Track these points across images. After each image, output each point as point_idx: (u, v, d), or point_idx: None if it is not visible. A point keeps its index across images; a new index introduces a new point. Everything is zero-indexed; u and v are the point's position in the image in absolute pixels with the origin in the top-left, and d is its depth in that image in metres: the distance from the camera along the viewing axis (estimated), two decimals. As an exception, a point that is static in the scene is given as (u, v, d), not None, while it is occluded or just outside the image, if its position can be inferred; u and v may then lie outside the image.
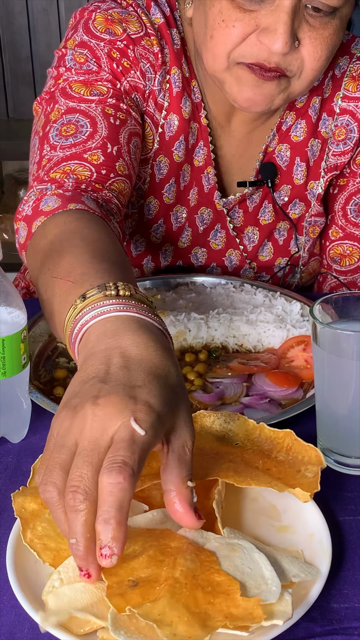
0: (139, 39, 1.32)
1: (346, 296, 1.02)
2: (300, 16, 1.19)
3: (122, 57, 1.31)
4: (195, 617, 0.69)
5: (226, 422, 0.95)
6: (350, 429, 0.98)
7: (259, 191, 1.47)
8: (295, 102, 1.43)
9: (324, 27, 1.21)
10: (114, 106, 1.29)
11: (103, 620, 0.72)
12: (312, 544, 0.85)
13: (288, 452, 0.91)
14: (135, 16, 1.33)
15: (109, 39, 1.31)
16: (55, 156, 1.26)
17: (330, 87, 1.43)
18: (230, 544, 0.79)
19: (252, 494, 0.92)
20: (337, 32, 1.23)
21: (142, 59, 1.32)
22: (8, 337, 1.00)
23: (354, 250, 1.50)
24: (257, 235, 1.49)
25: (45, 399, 1.09)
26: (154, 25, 1.34)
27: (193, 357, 1.23)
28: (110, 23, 1.31)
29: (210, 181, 1.44)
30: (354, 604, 0.82)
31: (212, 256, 1.49)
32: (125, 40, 1.31)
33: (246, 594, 0.73)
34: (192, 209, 1.46)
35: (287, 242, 1.50)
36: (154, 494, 0.86)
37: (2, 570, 0.84)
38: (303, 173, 1.46)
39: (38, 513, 0.85)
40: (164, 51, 1.34)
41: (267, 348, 1.25)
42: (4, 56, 3.73)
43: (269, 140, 1.45)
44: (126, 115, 1.30)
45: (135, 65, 1.32)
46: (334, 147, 1.44)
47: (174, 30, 1.36)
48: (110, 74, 1.31)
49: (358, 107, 1.42)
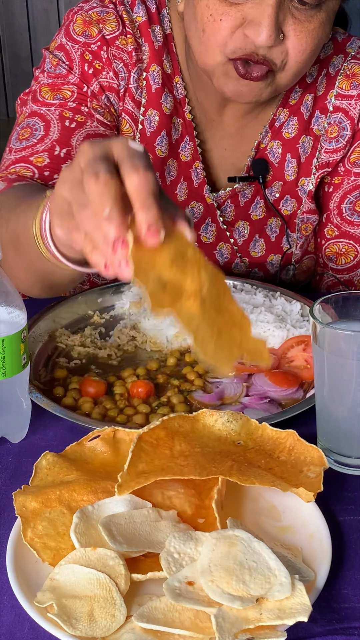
0: (114, 39, 1.37)
1: (346, 296, 1.02)
2: (286, 9, 1.21)
3: (95, 59, 1.37)
4: (222, 343, 0.73)
5: (229, 421, 0.95)
6: (350, 429, 0.98)
7: (251, 187, 1.48)
8: (288, 99, 1.44)
9: (309, 20, 1.22)
10: (74, 109, 1.35)
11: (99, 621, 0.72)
12: (312, 544, 0.85)
13: (290, 452, 0.92)
14: (113, 15, 1.37)
15: (84, 41, 1.37)
16: (8, 159, 1.34)
17: (324, 85, 1.45)
18: (227, 537, 0.79)
19: (252, 494, 0.92)
20: (323, 26, 1.24)
21: (116, 59, 1.37)
22: (8, 337, 1.00)
23: (350, 248, 1.50)
24: (247, 230, 1.50)
25: (45, 399, 1.09)
26: (135, 23, 1.38)
27: (193, 357, 1.23)
28: (87, 25, 1.37)
29: (199, 175, 1.45)
30: (354, 604, 0.82)
31: (203, 250, 1.49)
32: (99, 42, 1.36)
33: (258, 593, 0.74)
34: (182, 203, 1.47)
35: (279, 238, 1.51)
36: (154, 493, 0.87)
37: (2, 570, 0.84)
38: (294, 169, 1.47)
39: (39, 512, 0.85)
40: (141, 49, 1.38)
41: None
42: (4, 56, 3.73)
43: (261, 136, 1.46)
44: (86, 118, 1.35)
45: (108, 66, 1.37)
46: (326, 144, 1.45)
47: (156, 28, 1.39)
48: (80, 77, 1.37)
49: (351, 105, 1.44)
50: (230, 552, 0.77)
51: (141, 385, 1.15)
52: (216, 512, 0.84)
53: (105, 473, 0.92)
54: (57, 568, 0.79)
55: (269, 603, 0.74)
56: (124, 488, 0.84)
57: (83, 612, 0.75)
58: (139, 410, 1.11)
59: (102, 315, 1.36)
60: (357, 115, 1.44)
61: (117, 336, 1.29)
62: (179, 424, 0.93)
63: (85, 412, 1.11)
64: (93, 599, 0.76)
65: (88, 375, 1.18)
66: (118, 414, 1.11)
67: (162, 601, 0.76)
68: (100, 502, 0.85)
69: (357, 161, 1.46)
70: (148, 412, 1.11)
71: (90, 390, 1.14)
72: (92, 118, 1.36)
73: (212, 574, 0.76)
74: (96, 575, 0.77)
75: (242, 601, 0.73)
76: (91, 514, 0.84)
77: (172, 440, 0.91)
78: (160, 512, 0.85)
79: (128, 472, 0.86)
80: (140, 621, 0.74)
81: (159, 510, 0.85)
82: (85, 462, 0.95)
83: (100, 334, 1.31)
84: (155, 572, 0.79)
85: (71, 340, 1.28)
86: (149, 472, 0.85)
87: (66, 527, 0.84)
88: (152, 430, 0.90)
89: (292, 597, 0.74)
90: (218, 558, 0.77)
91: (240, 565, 0.76)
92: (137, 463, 0.87)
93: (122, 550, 0.80)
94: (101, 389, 1.15)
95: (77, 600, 0.76)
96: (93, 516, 0.84)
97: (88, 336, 1.29)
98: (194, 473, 0.84)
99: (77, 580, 0.77)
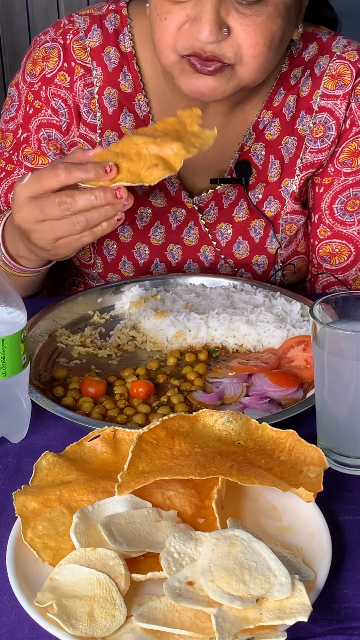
0: (53, 77, 1.42)
1: (346, 296, 1.02)
2: (229, 4, 1.21)
3: (36, 98, 1.44)
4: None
5: (229, 421, 0.95)
6: (350, 429, 0.98)
7: (234, 189, 1.48)
8: (272, 101, 1.45)
9: (256, 14, 1.23)
10: (7, 159, 1.47)
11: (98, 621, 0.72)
12: (312, 544, 0.85)
13: (290, 452, 0.92)
14: (57, 50, 1.42)
15: (29, 81, 1.44)
16: None
17: (308, 85, 1.45)
18: (227, 537, 0.79)
19: (252, 494, 0.92)
20: (273, 19, 1.24)
21: (54, 96, 1.43)
22: (8, 337, 1.00)
23: (343, 248, 1.51)
24: (230, 231, 1.50)
25: (45, 399, 1.09)
26: (86, 49, 1.42)
27: (193, 357, 1.23)
28: (34, 64, 1.44)
29: (174, 185, 1.47)
30: (354, 604, 0.82)
31: (187, 253, 1.51)
32: (40, 81, 1.43)
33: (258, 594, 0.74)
34: (163, 209, 1.48)
35: (264, 240, 1.51)
36: (154, 493, 0.87)
37: (2, 570, 0.84)
38: (277, 171, 1.47)
39: (39, 512, 0.85)
40: (91, 73, 1.42)
41: (267, 348, 1.25)
42: (4, 56, 3.73)
43: (245, 139, 1.46)
44: (15, 166, 1.47)
45: (46, 105, 1.43)
46: (311, 144, 1.45)
47: (112, 50, 1.42)
48: (22, 118, 1.45)
49: (337, 105, 1.43)
50: (230, 552, 0.78)
51: (141, 385, 1.15)
52: (216, 512, 0.84)
53: (105, 473, 0.92)
54: (57, 568, 0.79)
55: (269, 603, 0.74)
56: (124, 488, 0.84)
57: (83, 612, 0.75)
58: (139, 410, 1.11)
59: (102, 315, 1.36)
60: (343, 115, 1.43)
61: (117, 336, 1.29)
62: (179, 424, 0.93)
63: (85, 412, 1.11)
64: (93, 599, 0.76)
65: (88, 375, 1.18)
66: (118, 414, 1.11)
67: (162, 601, 0.76)
68: (100, 502, 0.85)
69: (346, 161, 1.46)
70: (148, 412, 1.11)
71: (90, 390, 1.14)
72: (21, 166, 1.46)
73: (212, 574, 0.76)
74: (96, 575, 0.77)
75: (242, 601, 0.73)
76: (91, 514, 0.84)
77: (172, 440, 0.91)
78: (160, 512, 0.85)
79: (128, 472, 0.86)
80: (140, 621, 0.74)
81: (159, 510, 0.85)
82: (85, 462, 0.95)
83: (100, 334, 1.31)
84: (155, 572, 0.79)
85: (71, 340, 1.28)
86: (149, 472, 0.85)
87: (66, 527, 0.84)
88: (152, 430, 0.90)
89: (292, 597, 0.74)
90: (218, 558, 0.77)
91: (240, 565, 0.76)
92: (137, 463, 0.87)
93: (122, 550, 0.80)
94: (101, 389, 1.15)
95: (77, 600, 0.76)
96: (93, 516, 0.84)
97: (88, 336, 1.29)
98: (194, 473, 0.84)
99: (77, 580, 0.77)
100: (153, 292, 1.39)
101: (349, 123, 1.44)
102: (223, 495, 0.87)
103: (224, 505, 0.87)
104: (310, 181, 1.51)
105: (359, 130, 1.44)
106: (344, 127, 1.44)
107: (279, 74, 1.44)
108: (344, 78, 1.43)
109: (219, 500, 0.86)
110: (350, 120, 1.44)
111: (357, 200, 1.48)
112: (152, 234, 1.49)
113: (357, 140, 1.45)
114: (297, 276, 1.57)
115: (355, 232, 1.49)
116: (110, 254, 1.50)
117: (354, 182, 1.47)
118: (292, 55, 1.44)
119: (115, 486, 0.85)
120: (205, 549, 0.78)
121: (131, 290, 1.38)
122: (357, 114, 1.43)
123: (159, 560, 0.78)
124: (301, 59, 1.44)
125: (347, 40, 1.46)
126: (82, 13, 1.45)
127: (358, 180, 1.47)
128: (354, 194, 1.47)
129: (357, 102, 1.43)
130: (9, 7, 3.61)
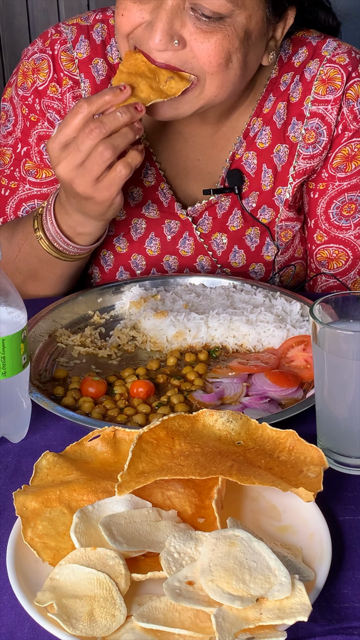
0: (45, 89, 1.43)
1: (346, 296, 1.02)
2: (184, 17, 1.21)
3: (31, 112, 1.45)
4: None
5: (229, 420, 0.95)
6: (350, 429, 0.98)
7: (228, 198, 1.47)
8: (262, 108, 1.44)
9: (212, 31, 1.21)
10: (8, 177, 1.47)
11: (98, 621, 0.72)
12: (312, 544, 0.85)
13: (290, 452, 0.92)
14: (46, 61, 1.42)
15: (22, 94, 1.45)
16: None
17: (299, 91, 1.43)
18: (227, 537, 0.79)
19: (252, 494, 0.92)
20: (229, 39, 1.22)
21: (49, 109, 1.44)
22: (8, 337, 1.00)
23: (341, 253, 1.51)
24: (225, 241, 1.50)
25: (45, 399, 1.09)
26: (74, 61, 1.42)
27: (193, 357, 1.23)
28: (25, 77, 1.44)
29: (166, 196, 1.47)
30: (354, 604, 0.82)
31: (183, 263, 1.51)
32: (33, 94, 1.44)
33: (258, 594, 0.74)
34: (156, 221, 1.48)
35: (260, 248, 1.51)
36: (154, 492, 0.87)
37: (2, 570, 0.84)
38: (270, 179, 1.47)
39: (39, 512, 0.85)
40: (79, 86, 1.42)
41: (267, 348, 1.25)
42: (4, 56, 3.73)
43: (235, 147, 1.46)
44: (19, 183, 1.47)
45: (42, 117, 1.44)
46: (304, 150, 1.45)
47: (100, 61, 1.42)
48: (21, 132, 1.46)
49: (327, 110, 1.42)
50: (230, 552, 0.78)
51: (141, 385, 1.15)
52: (216, 512, 0.84)
53: (105, 473, 0.92)
54: (57, 568, 0.79)
55: (269, 603, 0.74)
56: (124, 488, 0.84)
57: (83, 612, 0.75)
58: (139, 410, 1.11)
59: (102, 315, 1.36)
60: (335, 120, 1.42)
61: (117, 336, 1.29)
62: (179, 423, 0.93)
63: (85, 412, 1.11)
64: (93, 599, 0.76)
65: (88, 375, 1.18)
66: (118, 414, 1.11)
67: (162, 601, 0.76)
68: (100, 502, 0.85)
69: (340, 166, 1.45)
70: (148, 412, 1.11)
71: (90, 390, 1.14)
72: (25, 181, 1.46)
73: (212, 573, 0.76)
74: (96, 575, 0.77)
75: (242, 601, 0.73)
76: (91, 513, 0.84)
77: (172, 440, 0.91)
78: (160, 512, 0.85)
79: (128, 472, 0.86)
80: (140, 621, 0.74)
81: (159, 510, 0.85)
82: (85, 462, 0.95)
83: (100, 334, 1.31)
84: (155, 572, 0.79)
85: (71, 340, 1.28)
86: (149, 472, 0.85)
87: (66, 527, 0.84)
88: (152, 430, 0.90)
89: (292, 597, 0.74)
90: (218, 558, 0.77)
91: (240, 565, 0.76)
92: (137, 463, 0.87)
93: (122, 550, 0.80)
94: (101, 389, 1.15)
95: (77, 600, 0.76)
96: (93, 516, 0.84)
97: (88, 336, 1.29)
98: (194, 473, 0.84)
99: (77, 580, 0.77)
100: (153, 292, 1.39)
101: (341, 128, 1.43)
102: (223, 495, 0.87)
103: (224, 505, 0.87)
104: (304, 186, 1.50)
105: (352, 134, 1.43)
106: (335, 132, 1.43)
107: (268, 80, 1.43)
108: (335, 82, 1.41)
109: (219, 500, 0.86)
110: (342, 124, 1.43)
111: (352, 204, 1.47)
112: (148, 245, 1.49)
113: (350, 145, 1.44)
114: (296, 281, 1.57)
115: (352, 237, 1.49)
116: (107, 264, 1.50)
117: (349, 187, 1.46)
118: (281, 60, 1.43)
119: (115, 486, 0.85)
120: (205, 548, 0.79)
121: (131, 290, 1.38)
122: (349, 118, 1.43)
123: (159, 560, 0.79)
124: (291, 64, 1.43)
125: (337, 42, 1.44)
126: (69, 23, 1.44)
127: (353, 184, 1.46)
128: (349, 198, 1.47)
129: (348, 107, 1.42)
130: (9, 7, 3.61)
